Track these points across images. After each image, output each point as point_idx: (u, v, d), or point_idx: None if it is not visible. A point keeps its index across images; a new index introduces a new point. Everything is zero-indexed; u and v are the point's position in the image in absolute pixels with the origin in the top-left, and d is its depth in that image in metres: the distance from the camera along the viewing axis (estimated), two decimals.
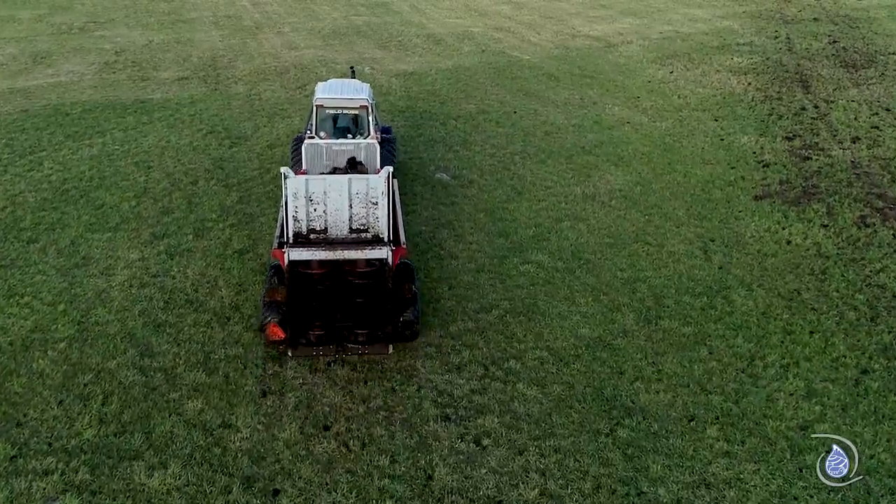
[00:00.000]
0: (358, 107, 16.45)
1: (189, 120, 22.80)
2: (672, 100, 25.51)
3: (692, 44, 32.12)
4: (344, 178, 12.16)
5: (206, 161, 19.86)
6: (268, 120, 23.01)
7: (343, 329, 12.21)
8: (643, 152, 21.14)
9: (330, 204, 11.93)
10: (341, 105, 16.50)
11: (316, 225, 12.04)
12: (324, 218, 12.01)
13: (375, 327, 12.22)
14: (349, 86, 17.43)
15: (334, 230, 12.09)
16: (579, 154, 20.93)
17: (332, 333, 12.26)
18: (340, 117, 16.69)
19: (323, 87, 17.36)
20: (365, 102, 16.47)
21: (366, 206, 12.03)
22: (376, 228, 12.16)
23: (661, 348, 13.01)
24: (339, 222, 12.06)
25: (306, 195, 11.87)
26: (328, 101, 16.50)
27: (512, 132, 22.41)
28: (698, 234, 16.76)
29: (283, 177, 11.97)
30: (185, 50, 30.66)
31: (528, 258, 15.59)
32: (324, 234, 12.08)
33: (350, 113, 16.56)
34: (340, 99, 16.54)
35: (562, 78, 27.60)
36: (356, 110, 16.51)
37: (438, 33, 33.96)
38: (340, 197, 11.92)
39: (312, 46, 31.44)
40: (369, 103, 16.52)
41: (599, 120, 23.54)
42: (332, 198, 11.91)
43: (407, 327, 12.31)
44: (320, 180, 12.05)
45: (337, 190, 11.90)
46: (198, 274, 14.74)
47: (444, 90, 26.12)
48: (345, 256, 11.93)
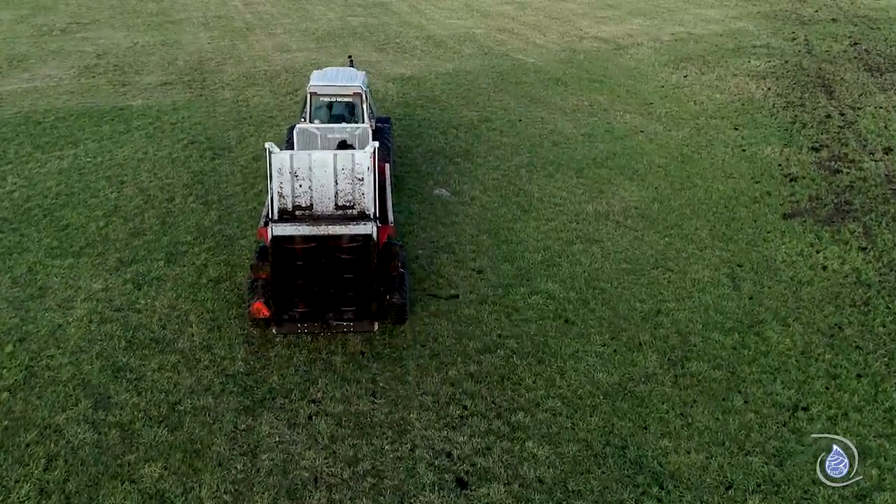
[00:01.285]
0: (352, 94, 16.23)
1: (170, 129, 21.21)
2: (687, 106, 23.90)
3: (706, 46, 30.50)
4: (329, 153, 12.03)
5: (184, 175, 18.27)
6: (255, 129, 21.43)
7: (327, 306, 11.97)
8: (659, 165, 19.53)
9: (315, 180, 11.85)
10: (335, 92, 16.34)
11: (301, 201, 11.94)
12: (309, 194, 11.92)
13: (360, 304, 11.98)
14: (344, 73, 17.24)
15: (320, 206, 12.00)
16: (590, 167, 19.32)
17: (317, 310, 12.01)
18: (335, 105, 16.54)
19: (318, 74, 17.25)
20: (359, 90, 16.21)
21: (351, 183, 11.92)
22: (362, 205, 12.03)
23: (689, 396, 11.40)
24: (325, 199, 11.98)
25: (291, 171, 11.76)
26: (322, 88, 16.32)
27: (517, 142, 20.81)
28: (724, 259, 15.16)
29: (268, 152, 11.70)
30: (171, 52, 29.08)
31: (536, 287, 13.99)
32: (309, 211, 11.97)
33: (344, 101, 16.39)
34: (334, 86, 16.36)
35: (569, 83, 26.00)
36: (350, 98, 16.30)
37: (438, 35, 32.37)
38: (326, 173, 11.83)
39: (305, 49, 29.85)
40: (363, 91, 16.27)
41: (611, 129, 21.94)
42: (317, 174, 11.82)
43: (396, 311, 12.21)
44: (305, 156, 11.90)
45: (322, 166, 11.80)
46: (167, 307, 13.16)
47: (444, 96, 24.53)
48: (329, 232, 11.69)
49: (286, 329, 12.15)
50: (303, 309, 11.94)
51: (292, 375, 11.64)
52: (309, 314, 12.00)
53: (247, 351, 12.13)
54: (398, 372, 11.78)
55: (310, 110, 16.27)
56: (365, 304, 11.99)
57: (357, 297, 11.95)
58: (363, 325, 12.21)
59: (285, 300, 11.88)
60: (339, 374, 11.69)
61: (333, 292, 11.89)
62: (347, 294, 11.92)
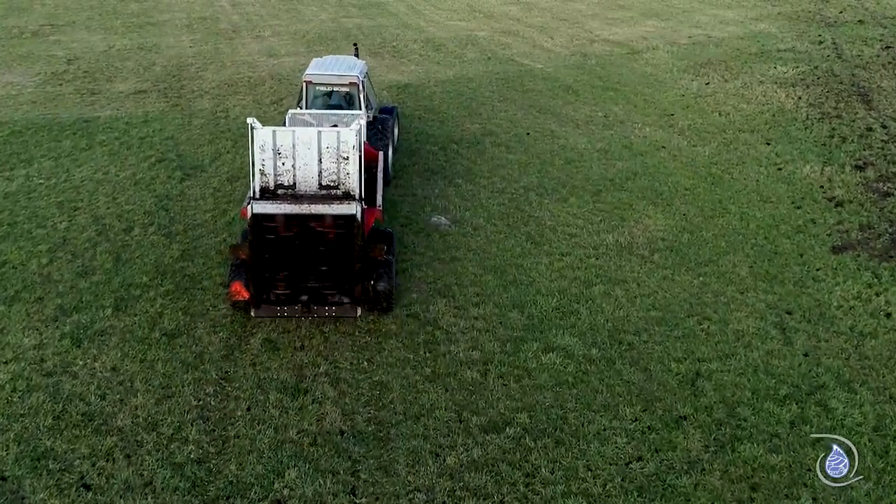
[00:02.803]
0: (348, 83, 15.88)
1: (137, 145, 19.03)
2: (712, 118, 21.68)
3: (727, 50, 28.27)
4: (313, 130, 11.66)
5: (147, 200, 16.08)
6: (232, 144, 19.23)
7: (309, 289, 11.53)
8: (686, 186, 17.31)
9: (298, 158, 11.51)
10: (330, 82, 16.00)
11: (284, 180, 11.59)
12: (292, 173, 11.58)
13: (343, 288, 11.55)
14: (342, 62, 16.89)
15: (303, 185, 11.63)
16: (608, 189, 17.11)
17: (298, 293, 11.55)
18: (333, 95, 16.20)
19: (316, 63, 16.89)
20: (355, 79, 15.86)
21: (336, 162, 11.57)
22: (347, 185, 11.65)
23: (744, 494, 9.19)
24: (309, 177, 11.62)
25: (274, 148, 11.41)
26: (318, 77, 15.99)
27: (525, 160, 18.61)
28: (770, 304, 12.95)
29: (250, 127, 11.38)
30: (149, 57, 26.89)
31: (551, 342, 11.79)
32: (292, 190, 11.61)
33: (342, 90, 16.04)
34: (330, 75, 16.01)
35: (581, 91, 23.78)
36: (346, 87, 15.96)
37: (438, 38, 30.14)
38: (310, 151, 11.49)
39: (294, 53, 27.65)
40: (360, 80, 15.88)
41: (629, 144, 19.72)
42: (300, 152, 11.48)
43: (382, 298, 11.87)
44: (288, 132, 11.53)
45: (306, 143, 11.46)
46: (108, 369, 10.96)
47: (444, 106, 22.33)
48: (311, 211, 11.25)
49: (265, 312, 11.71)
50: (283, 291, 11.45)
51: (254, 464, 9.45)
52: (289, 297, 11.53)
53: (201, 430, 9.94)
54: (384, 459, 9.59)
55: (306, 100, 15.90)
56: (347, 287, 11.49)
57: (340, 280, 11.46)
58: (346, 310, 11.74)
59: (265, 282, 11.41)
60: (313, 461, 9.49)
61: (315, 274, 11.43)
62: (330, 277, 11.45)
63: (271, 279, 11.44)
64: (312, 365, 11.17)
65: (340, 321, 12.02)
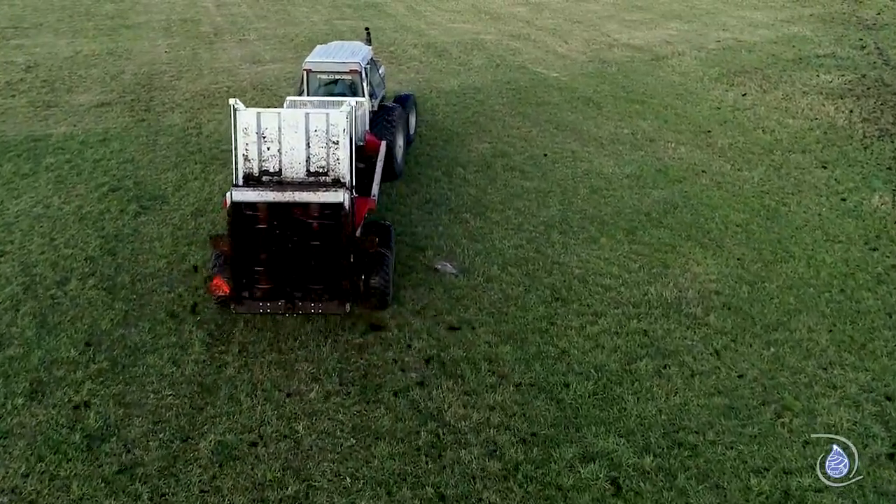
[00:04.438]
0: (348, 71, 15.13)
1: (90, 169, 16.30)
2: (755, 135, 18.93)
3: (761, 56, 25.52)
4: (300, 112, 10.94)
5: (92, 241, 13.36)
6: (202, 168, 16.51)
7: (293, 283, 10.63)
8: (737, 222, 14.57)
9: (285, 142, 10.86)
10: (330, 69, 15.26)
11: (269, 166, 10.93)
12: (278, 158, 10.92)
13: (330, 282, 10.64)
14: (346, 49, 16.17)
15: (290, 172, 10.95)
16: (645, 225, 14.38)
17: (281, 287, 10.66)
18: (338, 84, 15.39)
19: (319, 50, 16.23)
20: (356, 67, 15.09)
21: (325, 146, 10.90)
22: (336, 171, 10.96)
23: None
24: (295, 163, 10.94)
25: (258, 131, 10.80)
26: (317, 65, 15.29)
27: (544, 187, 15.88)
28: (863, 385, 10.22)
29: (233, 109, 10.75)
30: (118, 64, 24.13)
31: (590, 446, 9.06)
32: (277, 177, 10.94)
33: (345, 79, 15.27)
34: (330, 63, 15.30)
35: (603, 103, 21.04)
36: (347, 75, 15.20)
37: (441, 42, 27.39)
38: (297, 134, 10.83)
39: (280, 59, 24.90)
40: (362, 67, 15.15)
41: (663, 167, 16.98)
42: (287, 135, 10.82)
43: (375, 295, 11.04)
44: (274, 114, 10.86)
45: (293, 126, 10.80)
46: (7, 490, 8.25)
47: (449, 121, 19.61)
48: (295, 199, 10.42)
49: (247, 309, 10.77)
50: (266, 285, 10.57)
51: None
52: (273, 292, 10.62)
53: None
54: None
55: (307, 89, 15.23)
56: (335, 282, 10.58)
57: (326, 273, 10.55)
58: (333, 307, 10.76)
59: (246, 275, 10.51)
60: None
61: (300, 268, 10.53)
62: (316, 270, 10.54)
63: (252, 273, 10.52)
64: (278, 486, 8.44)
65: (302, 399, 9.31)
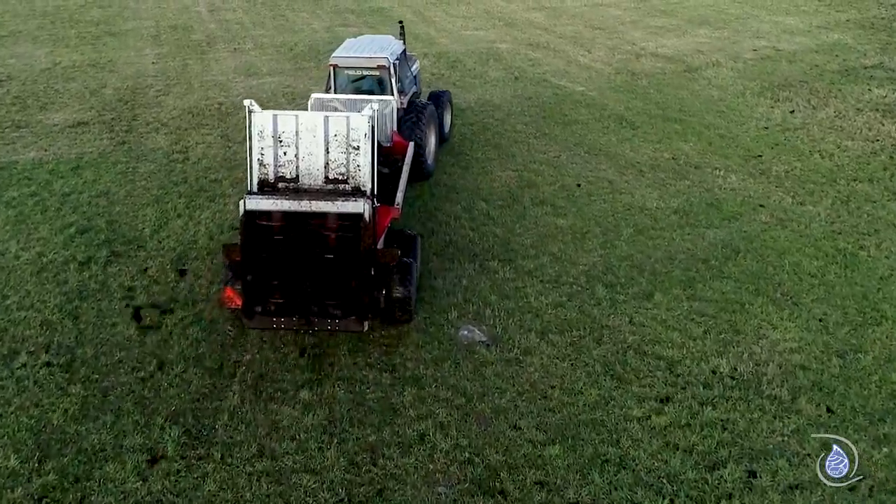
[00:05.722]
0: (376, 66, 14.57)
1: (57, 205, 14.17)
2: (813, 161, 16.76)
3: (803, 67, 23.33)
4: (319, 115, 10.28)
5: (52, 300, 11.22)
6: (186, 203, 14.38)
7: (309, 298, 9.79)
8: (810, 272, 12.40)
9: (302, 147, 10.18)
10: (358, 65, 14.72)
11: (285, 171, 10.25)
12: (295, 163, 10.23)
13: (347, 298, 9.77)
14: (376, 43, 15.56)
15: (307, 178, 10.27)
16: (703, 276, 12.21)
17: (296, 303, 9.82)
18: (367, 79, 14.88)
19: (348, 44, 15.71)
20: (384, 62, 14.52)
21: (345, 152, 10.17)
22: (357, 179, 10.23)
23: None
24: (314, 169, 10.24)
25: (274, 135, 10.13)
26: (343, 60, 14.78)
27: (580, 226, 13.72)
28: None
29: (248, 111, 10.10)
30: (100, 77, 21.98)
31: None
32: (294, 183, 10.26)
33: (373, 74, 14.76)
34: (357, 58, 14.76)
35: (637, 122, 18.86)
36: (375, 71, 14.65)
37: (453, 52, 25.22)
38: (315, 139, 10.15)
39: (278, 72, 22.75)
40: (390, 63, 14.54)
41: (715, 200, 14.81)
42: (304, 139, 10.14)
43: (397, 308, 10.32)
44: (291, 117, 10.17)
45: (311, 130, 10.13)
46: None
47: (467, 144, 17.46)
48: (311, 209, 9.71)
49: (259, 323, 10.19)
50: (279, 300, 9.93)
51: None
52: (287, 306, 9.98)
53: None
54: None
55: (334, 85, 14.74)
56: (353, 297, 9.89)
57: (344, 288, 9.89)
58: (351, 324, 10.05)
59: (259, 288, 9.94)
60: None
61: (316, 281, 9.89)
62: (332, 284, 9.89)
63: (265, 286, 9.88)
64: None
65: None
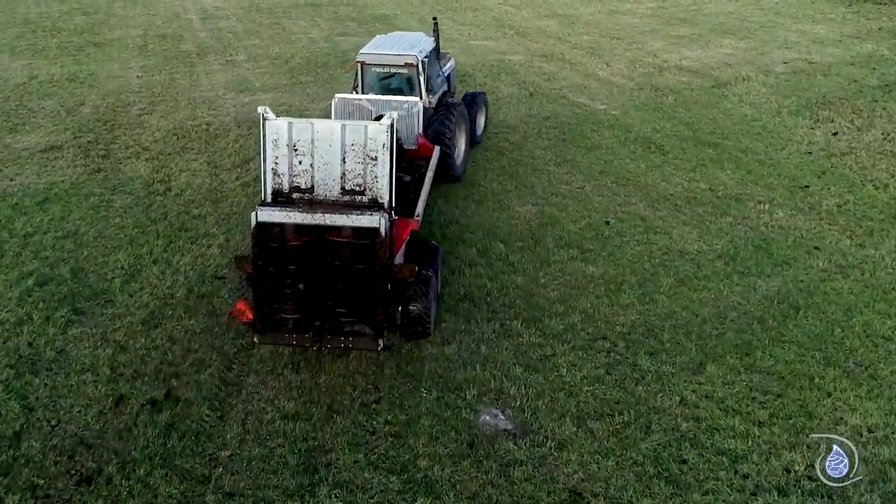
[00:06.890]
0: (404, 64, 14.15)
1: (17, 250, 12.46)
2: (866, 192, 15.03)
3: (841, 82, 21.61)
4: (336, 123, 9.80)
5: None
6: (165, 245, 12.68)
7: (322, 314, 9.36)
8: (885, 334, 10.67)
9: (318, 156, 9.74)
10: (385, 62, 14.32)
11: (300, 182, 9.80)
12: (310, 173, 9.78)
13: (362, 315, 9.30)
14: (406, 40, 15.11)
15: (322, 189, 9.81)
16: (761, 340, 10.48)
17: (309, 319, 9.41)
18: (395, 78, 14.55)
19: (377, 41, 15.29)
20: (412, 60, 14.05)
21: (363, 162, 9.70)
22: (374, 191, 9.77)
23: None
24: (329, 180, 9.79)
25: (289, 143, 9.68)
26: (371, 57, 14.40)
27: (613, 275, 12.00)
28: None
29: (262, 118, 9.65)
30: (79, 93, 20.28)
31: None
32: (309, 194, 9.82)
33: (402, 73, 14.37)
34: (384, 55, 14.33)
35: (666, 146, 17.14)
36: (403, 69, 14.24)
37: (461, 64, 23.45)
38: (331, 148, 9.69)
39: (272, 87, 21.02)
40: (419, 61, 14.04)
41: (763, 242, 13.08)
42: (320, 148, 9.70)
43: (415, 323, 9.88)
44: (307, 125, 9.75)
45: (327, 139, 9.66)
46: None
47: (481, 172, 15.74)
48: (325, 221, 9.27)
49: (270, 340, 9.65)
50: (292, 315, 9.38)
51: None
52: (300, 323, 9.41)
53: None
54: None
55: (362, 84, 14.44)
56: (367, 314, 9.23)
57: (358, 305, 9.24)
58: (365, 342, 9.48)
59: (270, 303, 9.35)
60: None
61: (330, 297, 9.27)
62: (347, 300, 9.27)
63: (277, 301, 9.49)
64: None
65: None
